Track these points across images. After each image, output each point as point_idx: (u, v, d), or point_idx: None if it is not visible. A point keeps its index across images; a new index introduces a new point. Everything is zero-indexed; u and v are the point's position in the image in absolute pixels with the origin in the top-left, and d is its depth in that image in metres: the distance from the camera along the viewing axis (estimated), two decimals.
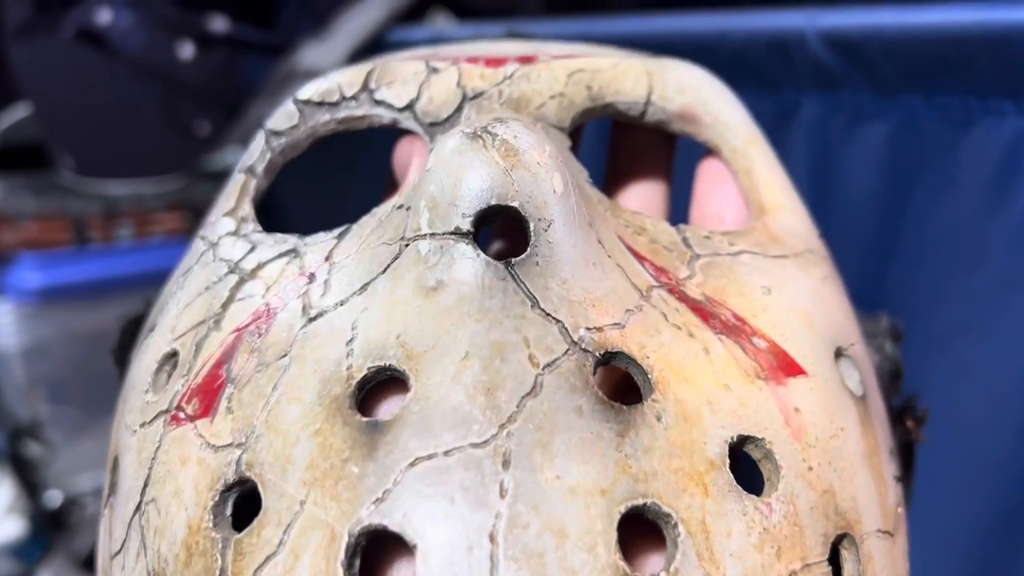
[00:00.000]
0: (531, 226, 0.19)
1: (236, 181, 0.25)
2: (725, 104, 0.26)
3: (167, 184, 0.68)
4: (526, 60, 0.25)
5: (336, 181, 0.59)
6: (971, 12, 0.33)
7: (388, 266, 0.20)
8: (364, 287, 0.20)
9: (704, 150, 0.26)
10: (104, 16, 0.61)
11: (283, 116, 0.25)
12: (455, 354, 0.18)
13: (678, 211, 0.26)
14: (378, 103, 0.24)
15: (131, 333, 0.27)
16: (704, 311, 0.21)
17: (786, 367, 0.21)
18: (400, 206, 0.21)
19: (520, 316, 0.19)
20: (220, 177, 0.68)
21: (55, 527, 0.81)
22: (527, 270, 0.19)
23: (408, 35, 0.58)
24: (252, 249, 0.23)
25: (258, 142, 0.26)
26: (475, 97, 0.24)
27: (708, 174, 0.26)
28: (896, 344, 0.25)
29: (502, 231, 0.24)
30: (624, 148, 0.27)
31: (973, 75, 0.34)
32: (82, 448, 0.84)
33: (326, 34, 0.59)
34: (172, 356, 0.22)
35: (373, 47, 0.58)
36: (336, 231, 0.22)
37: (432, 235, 0.19)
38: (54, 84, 0.64)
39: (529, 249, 0.19)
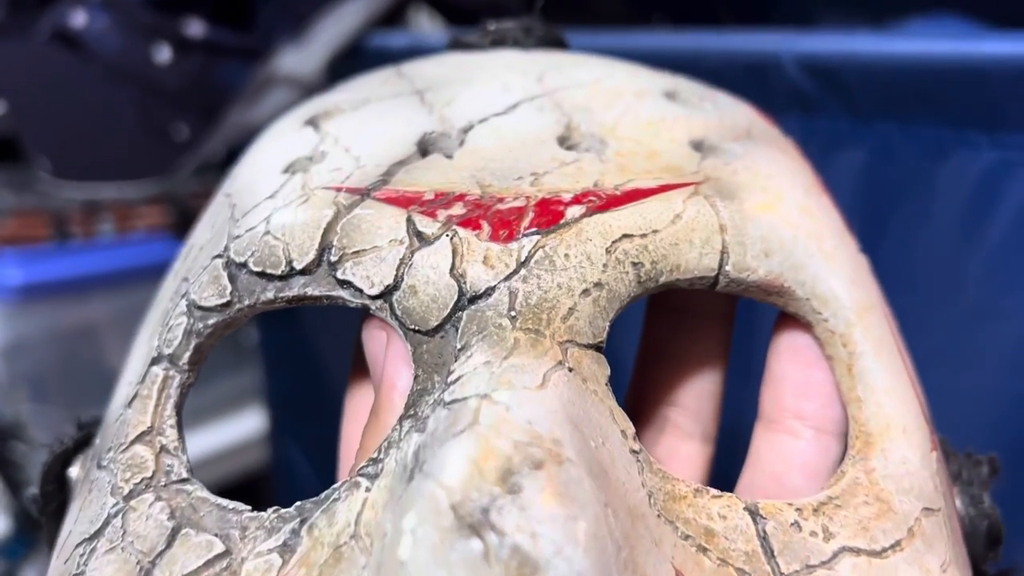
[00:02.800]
0: None
1: (151, 377, 0.19)
2: (825, 263, 0.19)
3: (145, 188, 0.67)
4: (547, 218, 0.18)
5: None
6: (947, 43, 0.33)
7: None
8: None
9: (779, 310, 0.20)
10: (79, 19, 0.60)
11: (211, 286, 0.19)
12: None
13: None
14: (343, 284, 0.18)
15: (57, 473, 0.21)
16: None
17: None
18: (360, 541, 0.15)
19: None
20: (203, 171, 0.67)
21: (39, 526, 0.81)
22: None
23: (388, 40, 0.57)
24: (173, 535, 0.17)
25: (177, 316, 0.19)
26: (476, 298, 0.17)
27: (789, 351, 0.20)
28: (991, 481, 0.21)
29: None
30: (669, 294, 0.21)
31: (948, 106, 0.34)
32: None
33: (304, 39, 0.58)
34: None
35: (352, 53, 0.58)
36: (284, 526, 0.16)
37: None
38: (29, 86, 0.63)
39: None
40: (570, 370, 0.16)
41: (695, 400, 0.23)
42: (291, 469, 0.70)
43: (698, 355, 0.23)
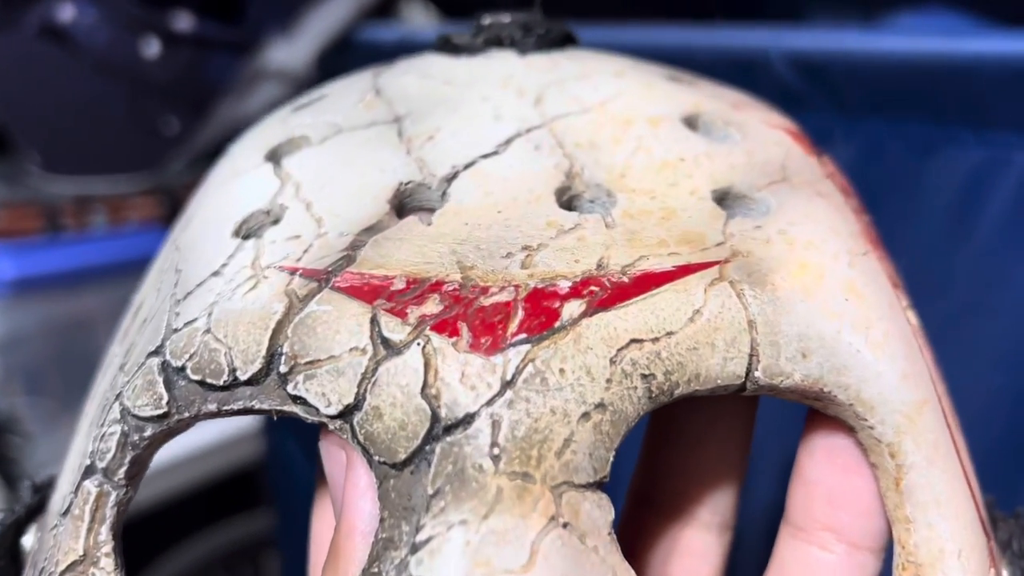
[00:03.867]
0: None
1: (84, 493, 0.17)
2: (873, 359, 0.16)
3: (136, 181, 0.67)
4: (539, 320, 0.15)
5: None
6: (934, 41, 0.33)
7: None
8: None
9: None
10: (67, 13, 0.60)
11: (145, 392, 0.16)
12: None
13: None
14: (295, 399, 0.15)
15: (10, 544, 0.19)
16: None
17: None
18: None
19: None
20: (195, 162, 0.67)
21: (35, 518, 0.82)
22: None
23: (379, 34, 0.57)
24: None
25: (111, 423, 0.17)
26: (452, 427, 0.14)
27: (824, 452, 0.18)
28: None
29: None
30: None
31: (936, 103, 0.34)
32: (59, 438, 0.84)
33: (294, 32, 0.58)
34: None
35: (342, 46, 0.58)
36: None
37: None
38: (18, 80, 0.63)
39: None
40: (565, 526, 0.14)
41: (714, 490, 0.21)
42: (287, 463, 0.71)
43: (717, 440, 0.21)
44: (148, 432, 0.16)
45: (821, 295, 0.16)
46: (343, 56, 0.57)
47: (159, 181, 0.69)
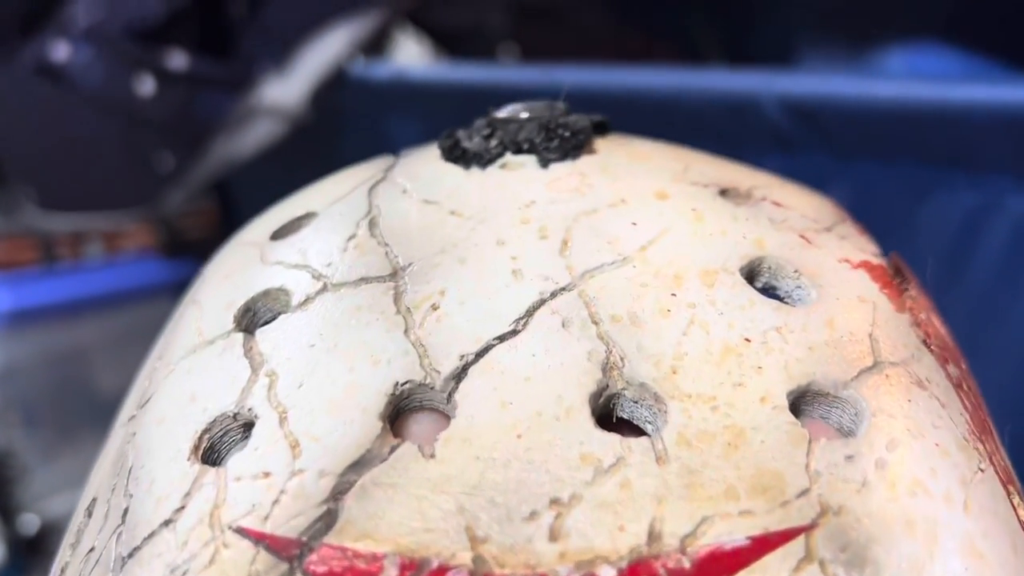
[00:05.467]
0: None
1: None
2: None
3: (131, 217, 0.67)
4: None
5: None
6: (925, 87, 0.33)
7: None
8: None
9: None
10: (62, 52, 0.60)
11: None
12: None
13: None
14: None
15: None
16: None
17: None
18: None
19: None
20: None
21: (33, 552, 0.81)
22: None
23: (372, 71, 0.58)
24: None
25: None
26: None
27: None
28: None
29: None
30: None
31: (928, 148, 0.34)
32: (57, 469, 0.84)
33: (287, 68, 0.58)
34: None
35: (337, 82, 0.58)
36: None
37: None
38: (13, 118, 0.63)
39: None
40: None
41: None
42: None
43: None
44: None
45: (935, 570, 0.12)
46: (337, 92, 0.57)
47: (154, 216, 0.69)
